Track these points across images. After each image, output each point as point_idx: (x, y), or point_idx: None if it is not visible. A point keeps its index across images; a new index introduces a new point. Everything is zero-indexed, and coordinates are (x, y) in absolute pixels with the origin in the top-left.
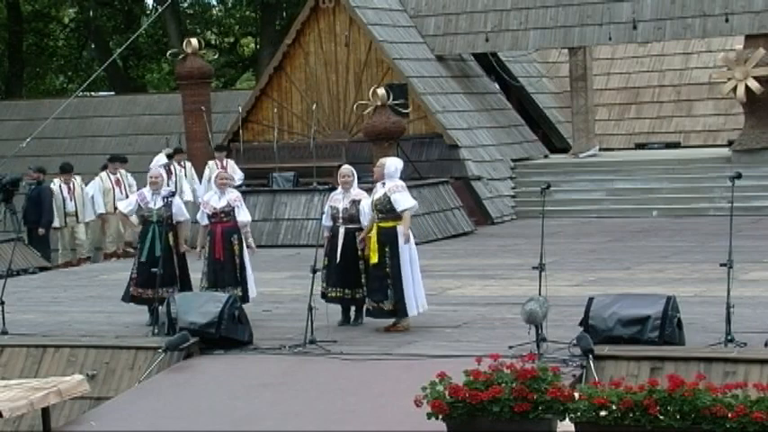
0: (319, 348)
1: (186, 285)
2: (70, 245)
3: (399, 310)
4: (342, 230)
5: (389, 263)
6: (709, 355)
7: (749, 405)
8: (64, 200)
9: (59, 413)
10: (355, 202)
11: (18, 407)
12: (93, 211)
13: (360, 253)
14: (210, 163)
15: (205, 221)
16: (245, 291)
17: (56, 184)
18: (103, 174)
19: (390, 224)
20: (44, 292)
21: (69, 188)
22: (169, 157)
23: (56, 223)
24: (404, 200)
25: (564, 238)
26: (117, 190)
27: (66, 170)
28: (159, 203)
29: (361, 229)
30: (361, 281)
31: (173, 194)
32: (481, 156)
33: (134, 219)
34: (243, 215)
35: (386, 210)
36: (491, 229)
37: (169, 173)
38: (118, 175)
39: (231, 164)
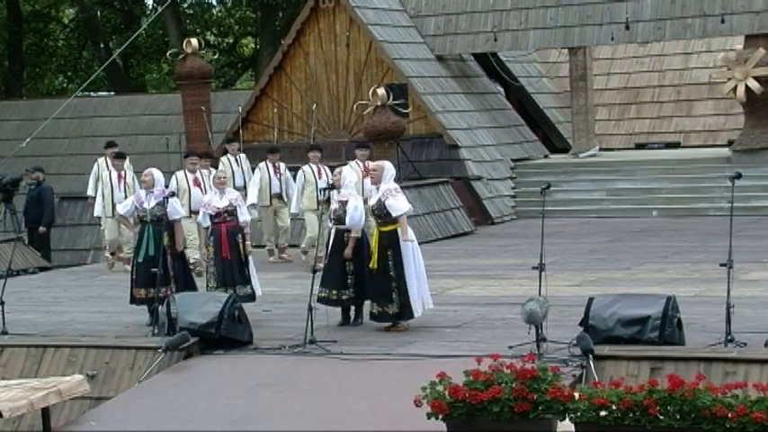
0: (319, 348)
1: (189, 284)
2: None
3: (405, 314)
4: (333, 231)
5: (393, 266)
6: (709, 355)
7: (749, 405)
8: (113, 188)
9: (59, 413)
10: (343, 203)
11: (18, 407)
12: None
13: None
14: (261, 165)
15: (207, 223)
16: (253, 288)
17: (105, 171)
18: (179, 173)
19: (390, 228)
20: (44, 292)
21: (120, 176)
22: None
23: (98, 212)
24: (398, 205)
25: (564, 238)
26: (198, 190)
27: (119, 156)
28: (153, 203)
29: (348, 231)
30: (347, 282)
31: (172, 194)
32: (481, 156)
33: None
34: (244, 215)
35: (383, 214)
36: (491, 229)
37: (319, 172)
38: (197, 173)
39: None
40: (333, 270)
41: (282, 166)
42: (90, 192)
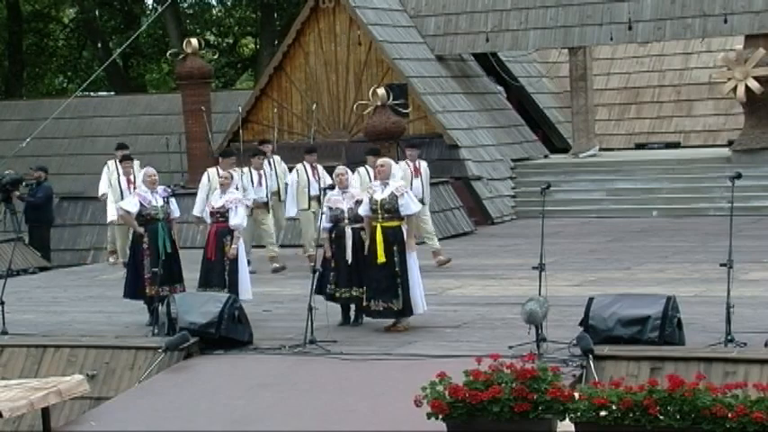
0: (319, 348)
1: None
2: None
3: (407, 309)
4: (348, 231)
5: (398, 262)
6: (709, 355)
7: (749, 405)
8: (122, 193)
9: (59, 413)
10: (359, 203)
11: (18, 407)
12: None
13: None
14: (299, 166)
15: (209, 221)
16: (235, 293)
17: (111, 172)
18: (212, 171)
19: (396, 224)
20: (44, 292)
21: (129, 180)
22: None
23: (112, 217)
24: (412, 204)
25: (564, 238)
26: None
27: (126, 159)
28: (161, 201)
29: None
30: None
31: (173, 194)
32: (481, 156)
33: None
34: (234, 219)
35: (393, 209)
36: (491, 229)
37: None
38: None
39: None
40: (357, 269)
41: (320, 167)
42: (104, 189)
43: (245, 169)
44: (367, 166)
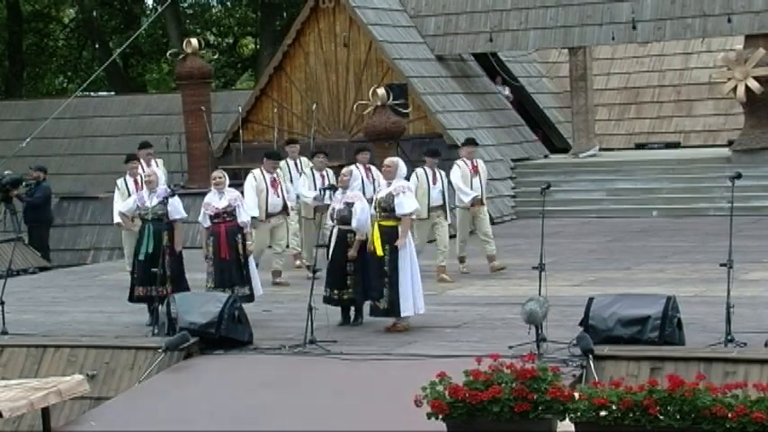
0: (319, 348)
1: (181, 285)
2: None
3: (394, 310)
4: (335, 231)
5: (388, 261)
6: (709, 355)
7: (749, 405)
8: (129, 194)
9: (59, 413)
10: (348, 204)
11: (18, 407)
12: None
13: (348, 253)
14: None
15: (207, 223)
16: (251, 289)
17: (120, 179)
18: (257, 172)
19: (392, 223)
20: (44, 292)
21: (136, 181)
22: None
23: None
24: (407, 203)
25: (564, 238)
26: (272, 192)
27: (130, 158)
28: (155, 202)
29: (352, 231)
30: (347, 282)
31: (172, 194)
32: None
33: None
34: (243, 215)
35: (389, 208)
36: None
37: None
38: (275, 174)
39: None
40: (335, 270)
41: (374, 168)
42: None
43: (308, 171)
44: (425, 167)
